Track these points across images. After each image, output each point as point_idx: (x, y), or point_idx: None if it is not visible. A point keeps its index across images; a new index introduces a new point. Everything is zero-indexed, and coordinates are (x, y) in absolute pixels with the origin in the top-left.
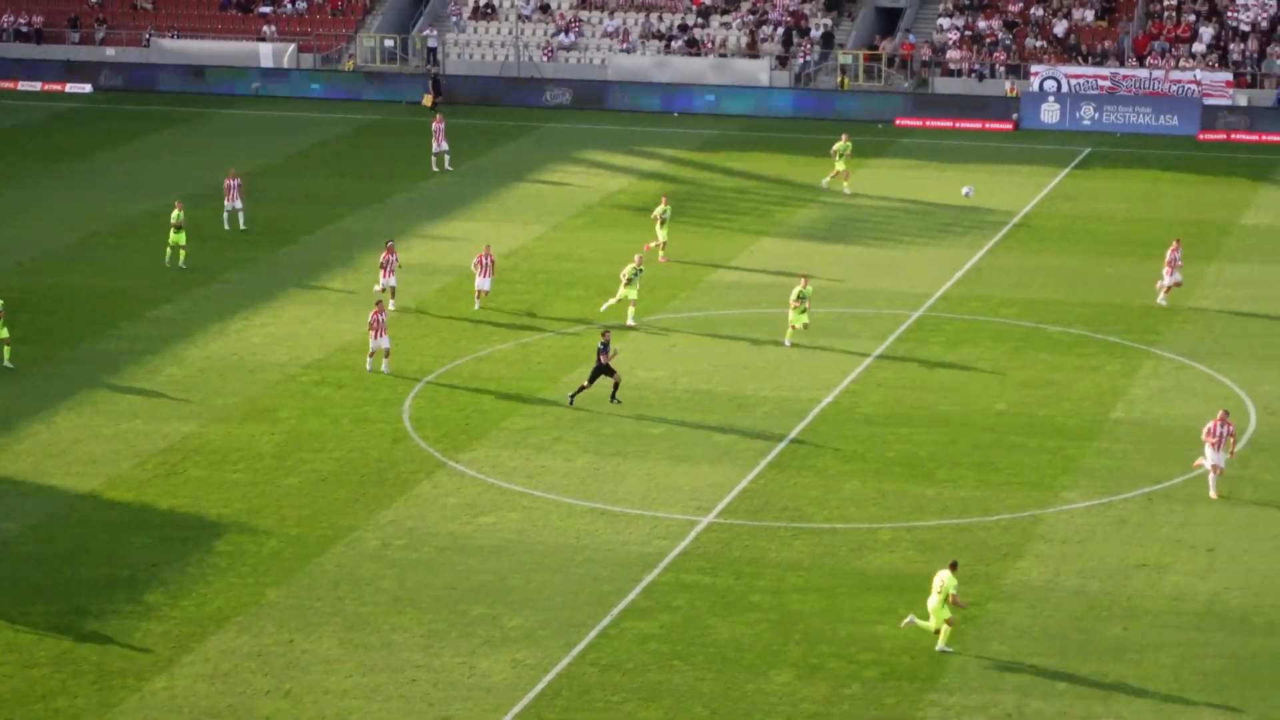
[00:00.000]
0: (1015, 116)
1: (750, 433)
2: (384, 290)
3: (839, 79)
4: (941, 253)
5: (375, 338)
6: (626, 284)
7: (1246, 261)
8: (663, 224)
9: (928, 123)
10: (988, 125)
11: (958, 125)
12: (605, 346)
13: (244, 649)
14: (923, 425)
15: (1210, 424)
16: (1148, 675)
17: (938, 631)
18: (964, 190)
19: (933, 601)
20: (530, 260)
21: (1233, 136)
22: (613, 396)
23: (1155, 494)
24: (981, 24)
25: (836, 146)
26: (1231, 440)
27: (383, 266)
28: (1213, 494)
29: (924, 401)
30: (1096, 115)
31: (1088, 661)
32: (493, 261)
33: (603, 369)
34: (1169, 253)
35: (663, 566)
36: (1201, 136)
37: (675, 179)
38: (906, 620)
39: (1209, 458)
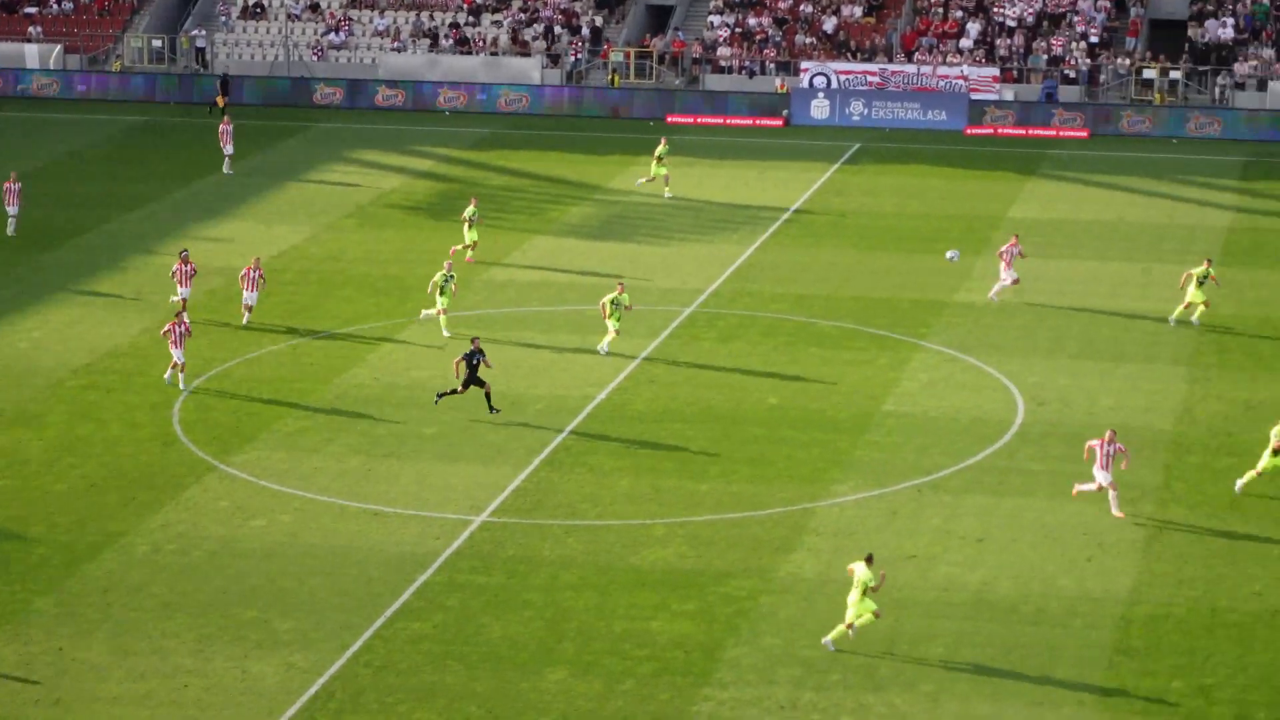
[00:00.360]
0: (786, 113)
1: (523, 431)
2: (180, 301)
3: (610, 76)
4: (713, 249)
5: (174, 350)
6: (440, 294)
7: None
8: (471, 225)
9: (699, 119)
10: (758, 121)
11: (728, 122)
12: (475, 354)
13: (12, 658)
14: (695, 421)
15: (1093, 443)
16: (919, 664)
17: (849, 626)
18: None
19: (853, 596)
20: (301, 261)
21: (1000, 131)
22: (440, 397)
23: (925, 486)
24: (751, 21)
25: (658, 151)
26: (1124, 458)
27: (174, 274)
28: (1116, 512)
29: (696, 397)
30: (866, 111)
31: (860, 652)
32: (261, 276)
33: (473, 377)
34: (1006, 247)
35: (436, 566)
36: (969, 131)
37: (448, 178)
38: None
39: (1098, 478)
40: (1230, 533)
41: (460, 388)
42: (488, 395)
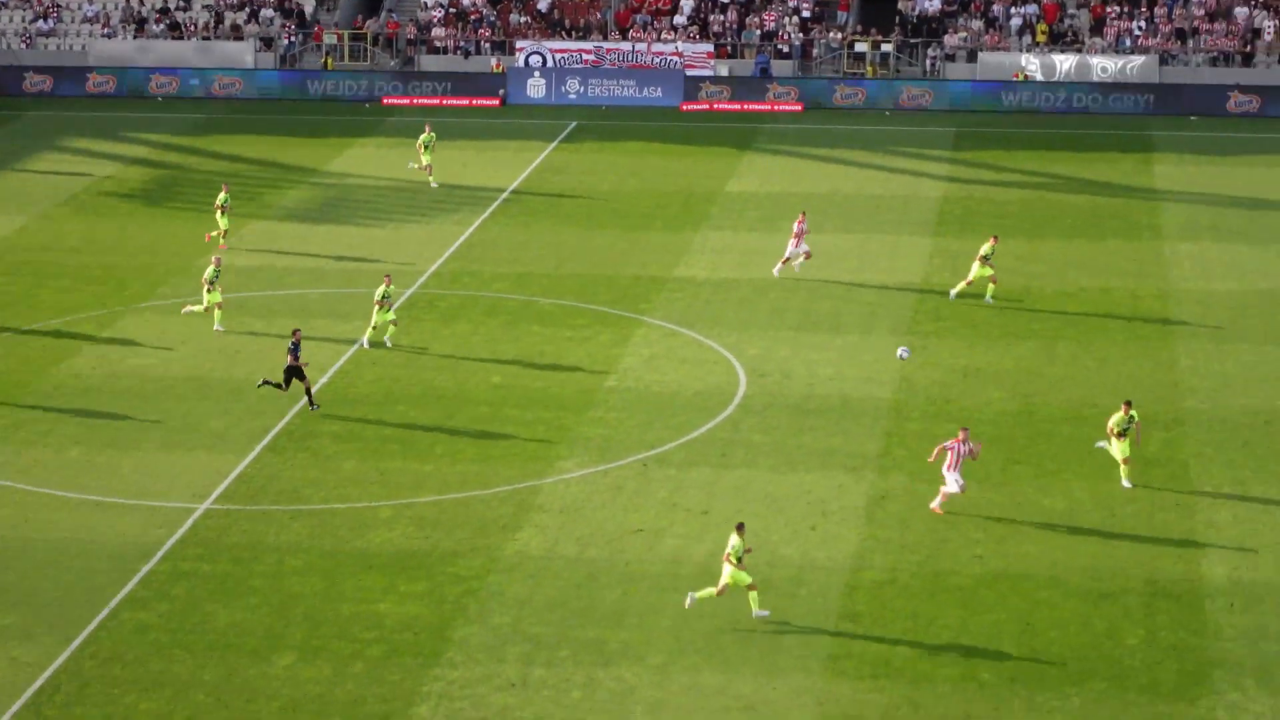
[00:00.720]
0: (502, 92)
1: (245, 417)
2: None
3: (324, 59)
4: (432, 230)
5: None
6: (209, 289)
7: (732, 229)
8: (224, 213)
9: (415, 101)
10: (475, 102)
11: (445, 103)
12: (296, 346)
13: None
14: (419, 402)
15: (947, 444)
16: (648, 638)
17: (719, 591)
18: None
19: (727, 569)
20: (13, 252)
21: (715, 106)
22: (310, 402)
23: (650, 459)
24: (466, 1)
25: (422, 139)
26: (971, 456)
27: None
28: (935, 506)
29: (419, 379)
30: (582, 89)
31: (589, 628)
32: None
33: (294, 370)
34: (795, 225)
35: (160, 556)
36: (685, 107)
37: (163, 164)
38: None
39: (949, 481)
40: (951, 498)
41: (304, 383)
42: (276, 385)
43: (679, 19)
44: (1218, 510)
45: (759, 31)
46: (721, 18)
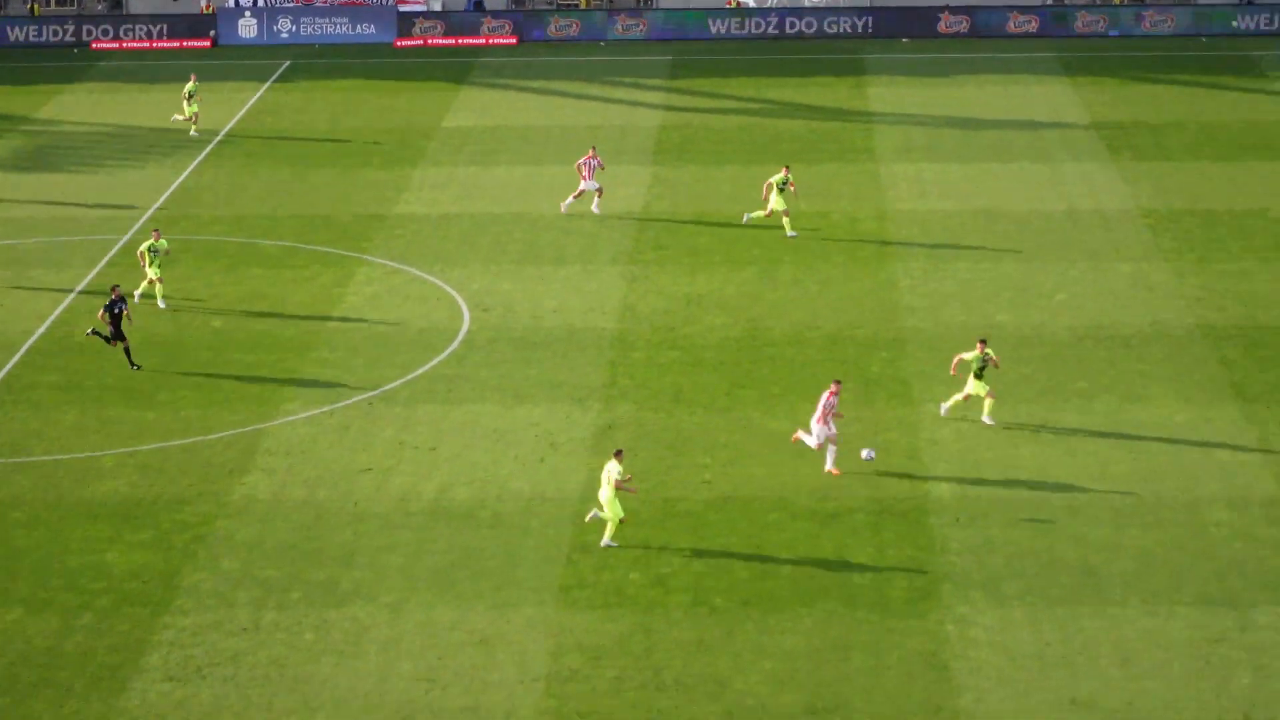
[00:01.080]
0: (213, 33)
1: None
2: None
3: (29, 4)
4: (147, 174)
5: None
6: None
7: (450, 164)
8: None
9: (125, 44)
10: (186, 44)
11: (155, 45)
12: (118, 302)
13: None
14: (139, 349)
15: (825, 396)
16: (379, 576)
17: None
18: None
19: (604, 494)
20: None
21: (430, 41)
22: (131, 362)
23: (376, 399)
24: None
25: (188, 88)
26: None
27: None
28: (831, 468)
29: (138, 325)
30: (294, 28)
31: (320, 569)
32: None
33: (118, 330)
34: (585, 159)
35: None
36: (399, 43)
37: None
38: (590, 515)
39: (815, 433)
40: (677, 424)
41: (110, 340)
42: (126, 351)
43: None
44: (940, 427)
45: None
46: None
